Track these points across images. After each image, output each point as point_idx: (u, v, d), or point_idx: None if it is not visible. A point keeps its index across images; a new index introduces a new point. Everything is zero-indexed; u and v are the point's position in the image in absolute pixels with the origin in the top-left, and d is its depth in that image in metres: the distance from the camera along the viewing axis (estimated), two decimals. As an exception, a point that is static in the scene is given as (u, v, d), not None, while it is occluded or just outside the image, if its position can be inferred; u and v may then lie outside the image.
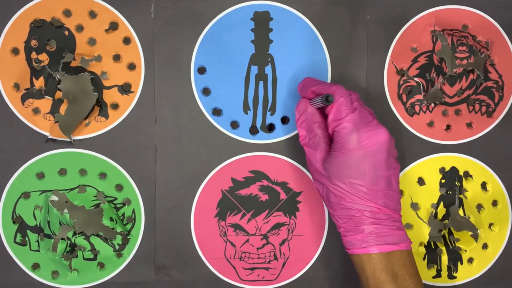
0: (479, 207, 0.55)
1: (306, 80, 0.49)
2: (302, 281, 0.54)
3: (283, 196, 0.53)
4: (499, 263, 0.55)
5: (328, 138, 0.48)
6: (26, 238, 0.51)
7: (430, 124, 0.54)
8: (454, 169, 0.55)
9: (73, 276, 0.52)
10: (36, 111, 0.51)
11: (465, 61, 0.52)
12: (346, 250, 0.47)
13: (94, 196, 0.52)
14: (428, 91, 0.53)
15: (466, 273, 0.55)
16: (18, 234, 0.51)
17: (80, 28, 0.51)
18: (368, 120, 0.45)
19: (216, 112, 0.52)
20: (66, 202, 0.50)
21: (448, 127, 0.54)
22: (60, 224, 0.51)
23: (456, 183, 0.55)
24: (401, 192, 0.54)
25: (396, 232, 0.45)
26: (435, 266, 0.55)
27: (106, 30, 0.51)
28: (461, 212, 0.54)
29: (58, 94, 0.50)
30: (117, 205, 0.52)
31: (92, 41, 0.51)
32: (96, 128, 0.51)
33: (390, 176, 0.45)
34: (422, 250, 0.54)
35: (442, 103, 0.53)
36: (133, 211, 0.52)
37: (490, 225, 0.55)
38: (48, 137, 0.51)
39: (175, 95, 0.52)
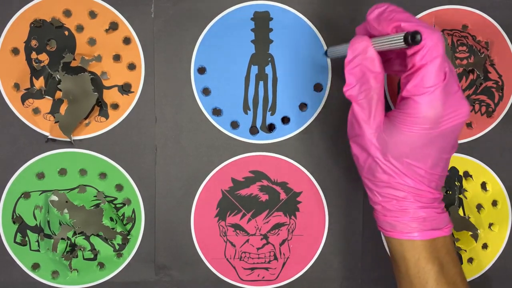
0: (479, 207, 0.55)
1: (389, 9, 0.37)
2: (302, 281, 0.54)
3: (283, 196, 0.53)
4: (499, 263, 0.55)
5: (384, 95, 0.39)
6: (26, 238, 0.51)
7: (430, 124, 0.54)
8: (454, 169, 0.55)
9: (73, 276, 0.52)
10: (36, 111, 0.51)
11: (465, 61, 0.52)
12: (382, 230, 0.42)
13: (94, 196, 0.52)
14: (428, 91, 0.53)
15: (466, 273, 0.55)
16: (18, 234, 0.51)
17: (80, 28, 0.51)
18: (454, 90, 0.36)
19: (216, 112, 0.52)
20: (66, 202, 0.50)
21: (448, 127, 0.54)
22: (60, 224, 0.51)
23: (456, 183, 0.55)
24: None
25: (441, 215, 0.41)
26: (435, 266, 0.55)
27: (106, 30, 0.51)
28: (461, 212, 0.54)
29: (58, 94, 0.50)
30: (117, 205, 0.52)
31: (92, 41, 0.51)
32: (96, 128, 0.51)
33: (450, 158, 0.40)
34: (422, 250, 0.54)
35: (442, 103, 0.53)
36: (133, 211, 0.52)
37: (490, 225, 0.55)
38: (48, 137, 0.51)
39: (175, 95, 0.52)
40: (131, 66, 0.51)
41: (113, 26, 0.51)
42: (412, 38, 0.32)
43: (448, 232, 0.41)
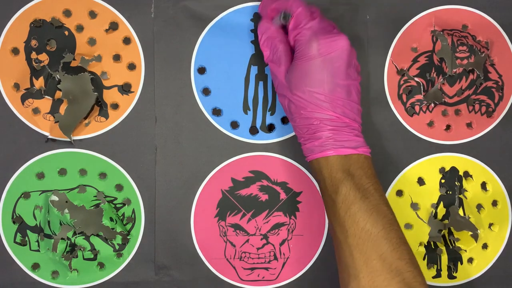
0: (479, 207, 0.55)
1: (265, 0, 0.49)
2: (302, 281, 0.54)
3: (283, 196, 0.53)
4: (499, 263, 0.55)
5: (291, 52, 0.47)
6: (26, 238, 0.51)
7: (430, 124, 0.54)
8: (454, 169, 0.55)
9: (73, 276, 0.52)
10: (36, 111, 0.51)
11: (465, 61, 0.52)
12: (306, 158, 0.47)
13: (94, 196, 0.52)
14: (428, 91, 0.53)
15: (466, 273, 0.55)
16: (18, 234, 0.51)
17: (80, 28, 0.51)
18: (329, 29, 0.46)
19: (216, 112, 0.52)
20: (66, 202, 0.50)
21: (448, 127, 0.54)
22: (60, 224, 0.51)
23: (456, 183, 0.55)
24: (400, 192, 0.54)
25: (354, 138, 0.45)
26: (435, 266, 0.55)
27: (106, 30, 0.51)
28: (461, 212, 0.54)
29: (58, 94, 0.50)
30: (117, 205, 0.52)
31: (92, 41, 0.51)
32: (96, 128, 0.51)
33: (349, 85, 0.45)
34: (422, 250, 0.54)
35: (442, 103, 0.53)
36: (133, 211, 0.52)
37: (490, 225, 0.55)
38: (48, 137, 0.51)
39: (175, 95, 0.52)
40: (131, 66, 0.51)
41: (113, 26, 0.51)
42: (284, 16, 0.46)
43: (361, 151, 0.45)
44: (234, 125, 0.53)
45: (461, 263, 0.55)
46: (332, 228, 0.45)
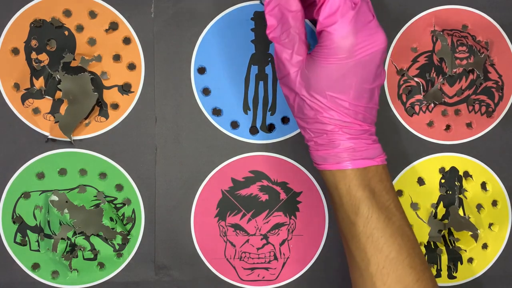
0: (479, 207, 0.55)
1: None
2: (302, 281, 0.54)
3: (283, 196, 0.53)
4: (499, 263, 0.55)
5: (305, 34, 0.40)
6: (26, 238, 0.51)
7: (430, 124, 0.54)
8: (454, 169, 0.55)
9: (73, 276, 0.52)
10: (36, 111, 0.51)
11: (465, 61, 0.52)
12: (316, 165, 0.43)
13: (94, 196, 0.52)
14: (428, 91, 0.53)
15: (466, 273, 0.55)
16: (18, 234, 0.51)
17: (80, 28, 0.51)
18: (368, 19, 0.38)
19: (216, 112, 0.52)
20: (66, 202, 0.50)
21: (448, 127, 0.54)
22: (60, 224, 0.51)
23: (456, 183, 0.55)
24: (400, 192, 0.54)
25: (372, 146, 0.41)
26: (435, 266, 0.55)
27: (106, 30, 0.51)
28: (461, 212, 0.54)
29: (58, 94, 0.50)
30: (117, 205, 0.52)
31: (92, 41, 0.51)
32: (96, 128, 0.51)
33: (374, 88, 0.40)
34: (422, 250, 0.54)
35: (442, 103, 0.53)
36: (133, 211, 0.52)
37: (490, 225, 0.55)
38: (48, 137, 0.51)
39: (175, 95, 0.52)
40: (131, 66, 0.51)
41: (113, 26, 0.51)
42: None
43: (379, 162, 0.41)
44: (234, 125, 0.53)
45: (461, 263, 0.55)
46: (350, 251, 0.42)
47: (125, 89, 0.51)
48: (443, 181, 0.55)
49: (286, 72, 0.40)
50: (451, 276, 0.55)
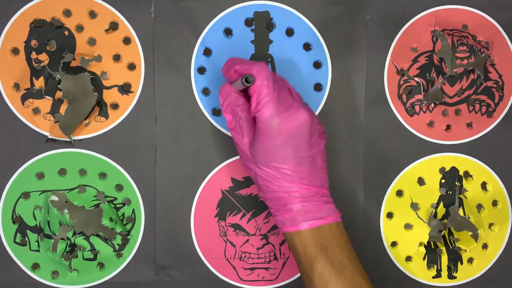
0: (479, 207, 0.55)
1: (230, 61, 0.47)
2: (302, 281, 0.54)
3: (283, 196, 0.53)
4: (499, 263, 0.55)
5: (251, 121, 0.47)
6: (26, 238, 0.51)
7: (430, 124, 0.54)
8: (454, 169, 0.55)
9: (73, 276, 0.52)
10: (36, 111, 0.51)
11: (465, 61, 0.52)
12: (279, 229, 0.47)
13: (94, 196, 0.52)
14: (428, 91, 0.53)
15: (466, 273, 0.55)
16: (18, 234, 0.51)
17: (80, 28, 0.51)
18: (289, 103, 0.45)
19: (216, 112, 0.52)
20: (66, 202, 0.50)
21: (448, 127, 0.54)
22: (60, 224, 0.51)
23: (456, 183, 0.55)
24: (400, 192, 0.54)
25: (323, 206, 0.45)
26: (435, 266, 0.55)
27: (106, 30, 0.51)
28: (461, 212, 0.54)
29: (58, 94, 0.50)
30: (117, 205, 0.52)
31: (92, 41, 0.51)
32: (96, 128, 0.51)
33: (313, 155, 0.45)
34: (422, 250, 0.54)
35: (442, 103, 0.53)
36: (133, 211, 0.52)
37: (490, 225, 0.55)
38: (48, 137, 0.51)
39: (175, 95, 0.52)
40: (131, 66, 0.51)
41: (113, 26, 0.51)
42: (246, 80, 0.43)
43: (332, 220, 0.46)
44: (234, 125, 0.53)
45: (461, 263, 0.55)
46: None
47: (125, 89, 0.51)
48: (443, 181, 0.55)
49: (242, 152, 0.47)
50: (451, 276, 0.55)
